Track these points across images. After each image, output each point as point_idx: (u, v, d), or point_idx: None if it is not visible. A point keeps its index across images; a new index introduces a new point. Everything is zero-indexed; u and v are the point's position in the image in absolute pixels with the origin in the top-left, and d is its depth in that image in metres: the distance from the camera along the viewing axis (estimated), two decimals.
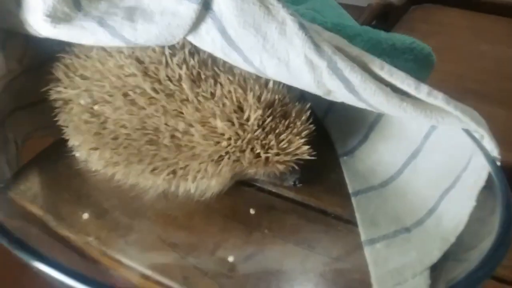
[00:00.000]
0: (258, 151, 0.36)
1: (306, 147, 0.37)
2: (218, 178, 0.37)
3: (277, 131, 0.36)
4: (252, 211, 0.40)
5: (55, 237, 0.38)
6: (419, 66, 0.47)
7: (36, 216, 0.39)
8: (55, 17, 0.33)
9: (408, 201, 0.39)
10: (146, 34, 0.33)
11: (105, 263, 0.36)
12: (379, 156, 0.44)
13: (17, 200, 0.40)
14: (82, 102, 0.38)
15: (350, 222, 0.40)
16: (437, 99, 0.31)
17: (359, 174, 0.44)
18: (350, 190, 0.42)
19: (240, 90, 0.35)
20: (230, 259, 0.36)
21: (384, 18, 0.94)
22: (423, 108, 0.31)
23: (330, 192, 0.42)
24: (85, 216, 0.38)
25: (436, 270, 0.33)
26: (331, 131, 0.49)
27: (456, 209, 0.33)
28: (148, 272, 0.35)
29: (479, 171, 0.32)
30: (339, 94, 0.32)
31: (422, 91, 0.31)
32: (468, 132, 0.34)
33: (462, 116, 0.31)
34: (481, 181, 0.32)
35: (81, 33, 0.34)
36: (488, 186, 0.32)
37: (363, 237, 0.38)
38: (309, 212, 0.41)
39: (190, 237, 0.38)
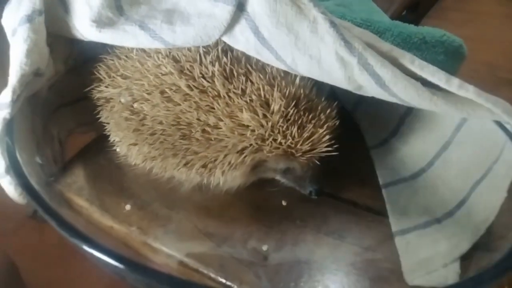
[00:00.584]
0: (279, 140, 0.36)
1: (327, 137, 0.37)
2: (241, 168, 0.38)
3: (299, 122, 0.36)
4: (284, 203, 0.41)
5: (100, 227, 0.41)
6: (449, 59, 0.47)
7: (82, 207, 0.41)
8: (100, 22, 0.35)
9: (439, 192, 0.39)
10: (184, 36, 0.34)
11: (145, 252, 0.39)
12: (409, 149, 0.44)
13: (64, 193, 0.42)
14: (122, 100, 0.40)
15: (381, 213, 0.40)
16: (468, 91, 0.31)
17: (390, 166, 0.44)
18: (381, 182, 0.43)
19: (268, 87, 0.36)
20: (264, 248, 0.37)
21: (415, 7, 0.92)
22: (454, 101, 0.31)
23: (361, 184, 0.43)
24: (128, 207, 0.41)
25: (466, 259, 0.33)
26: (361, 124, 0.49)
27: (487, 201, 0.33)
28: (186, 260, 0.36)
29: (511, 163, 0.32)
30: (369, 89, 0.33)
31: (453, 84, 0.31)
32: (499, 124, 0.34)
33: (493, 108, 0.31)
34: None
35: (123, 36, 0.36)
36: None
37: (393, 227, 0.38)
38: (340, 204, 0.42)
39: (225, 227, 0.39)
